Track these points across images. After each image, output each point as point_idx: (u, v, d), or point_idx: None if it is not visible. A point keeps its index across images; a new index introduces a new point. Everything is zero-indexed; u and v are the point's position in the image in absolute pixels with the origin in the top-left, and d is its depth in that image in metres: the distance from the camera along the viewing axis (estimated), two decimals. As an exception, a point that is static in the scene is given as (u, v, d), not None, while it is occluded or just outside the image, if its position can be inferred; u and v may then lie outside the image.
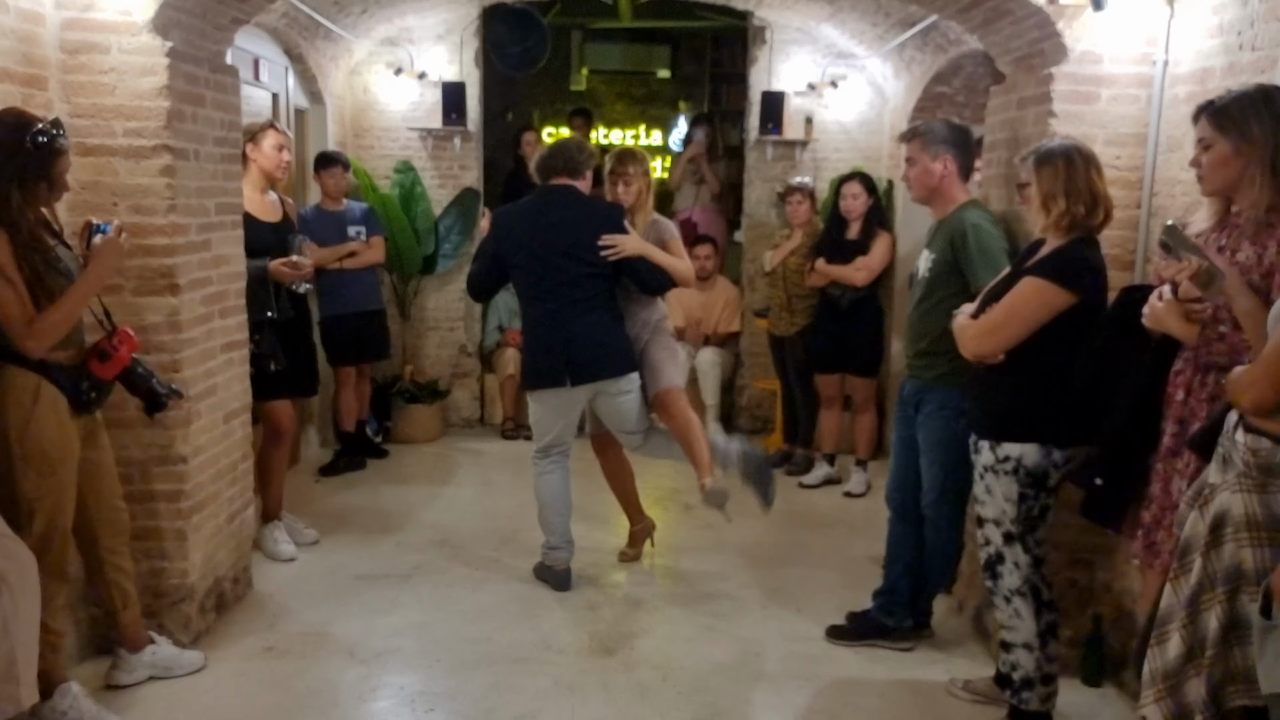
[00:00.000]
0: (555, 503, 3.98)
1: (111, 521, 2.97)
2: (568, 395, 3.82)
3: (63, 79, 3.03)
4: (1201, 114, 2.24)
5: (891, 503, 3.51)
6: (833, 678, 3.31)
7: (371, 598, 3.84)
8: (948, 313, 3.03)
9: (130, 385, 2.88)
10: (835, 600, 3.82)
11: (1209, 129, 2.20)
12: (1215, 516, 1.96)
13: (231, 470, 3.65)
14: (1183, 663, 1.99)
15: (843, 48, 6.21)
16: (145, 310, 3.16)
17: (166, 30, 3.10)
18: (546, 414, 3.91)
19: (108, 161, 3.09)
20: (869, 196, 5.21)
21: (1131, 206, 3.18)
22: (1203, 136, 2.23)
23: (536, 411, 3.94)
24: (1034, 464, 2.76)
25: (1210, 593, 1.95)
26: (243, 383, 3.74)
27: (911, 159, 3.30)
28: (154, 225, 3.13)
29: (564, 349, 3.74)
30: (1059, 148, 2.70)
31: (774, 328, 5.68)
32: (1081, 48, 3.17)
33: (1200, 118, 2.24)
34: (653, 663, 3.37)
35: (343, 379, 5.53)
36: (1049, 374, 2.74)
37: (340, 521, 4.69)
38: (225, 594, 3.62)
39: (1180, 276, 2.17)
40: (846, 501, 5.25)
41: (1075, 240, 2.69)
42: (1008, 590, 2.87)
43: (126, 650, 3.08)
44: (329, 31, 5.47)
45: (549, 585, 3.95)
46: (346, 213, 5.45)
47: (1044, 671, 2.88)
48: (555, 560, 3.97)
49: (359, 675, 3.24)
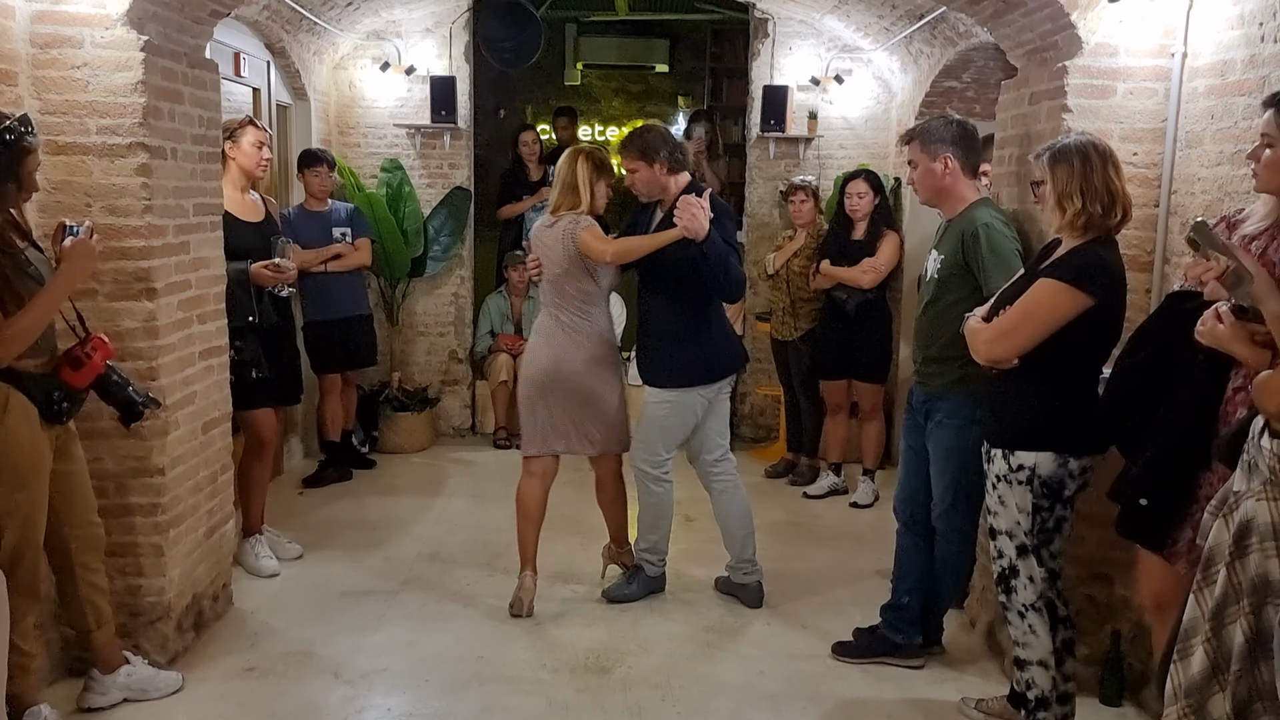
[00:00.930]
0: (670, 514, 4.02)
1: (85, 536, 2.95)
2: (706, 392, 3.87)
3: (33, 74, 3.02)
4: (1270, 108, 2.17)
5: (900, 514, 3.50)
6: (839, 697, 3.29)
7: (358, 615, 3.82)
8: (958, 316, 3.02)
9: (105, 394, 2.86)
10: (841, 616, 3.81)
11: (1275, 126, 2.14)
12: (1240, 525, 1.95)
13: (211, 482, 3.64)
14: (1207, 678, 1.97)
15: (848, 41, 6.22)
16: (120, 315, 3.15)
17: (142, 23, 3.09)
18: (685, 415, 3.86)
19: (81, 160, 3.08)
20: (875, 195, 5.21)
21: (1149, 205, 3.18)
22: (1267, 132, 2.18)
23: (667, 415, 3.86)
24: (1049, 473, 2.75)
25: (1235, 605, 1.94)
26: (222, 391, 3.72)
27: (913, 161, 3.31)
28: (129, 227, 3.12)
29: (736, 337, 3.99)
30: (1074, 144, 2.69)
31: (777, 332, 5.68)
32: (1096, 40, 3.17)
33: (1268, 111, 2.17)
34: (651, 682, 3.35)
35: (328, 387, 5.52)
36: (1065, 379, 2.74)
37: (325, 535, 4.67)
38: (204, 612, 3.60)
39: (1207, 276, 2.16)
40: (853, 513, 5.24)
41: (1092, 241, 2.68)
42: (1022, 605, 2.86)
43: (100, 671, 3.06)
44: (313, 25, 5.47)
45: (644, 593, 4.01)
46: (331, 213, 5.44)
47: (1060, 690, 2.86)
48: (658, 569, 4.07)
49: (344, 696, 3.22)
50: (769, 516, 5.11)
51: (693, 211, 3.44)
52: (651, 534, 4.01)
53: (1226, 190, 2.83)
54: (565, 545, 4.49)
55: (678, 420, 3.87)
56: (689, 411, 3.86)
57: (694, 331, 3.81)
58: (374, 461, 5.91)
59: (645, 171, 3.76)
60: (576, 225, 3.71)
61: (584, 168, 3.76)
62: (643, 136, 3.80)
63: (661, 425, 3.87)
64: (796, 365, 5.59)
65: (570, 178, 3.76)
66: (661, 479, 3.93)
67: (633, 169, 3.78)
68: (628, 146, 3.80)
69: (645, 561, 4.03)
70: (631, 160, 3.77)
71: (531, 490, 3.90)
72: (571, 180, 3.75)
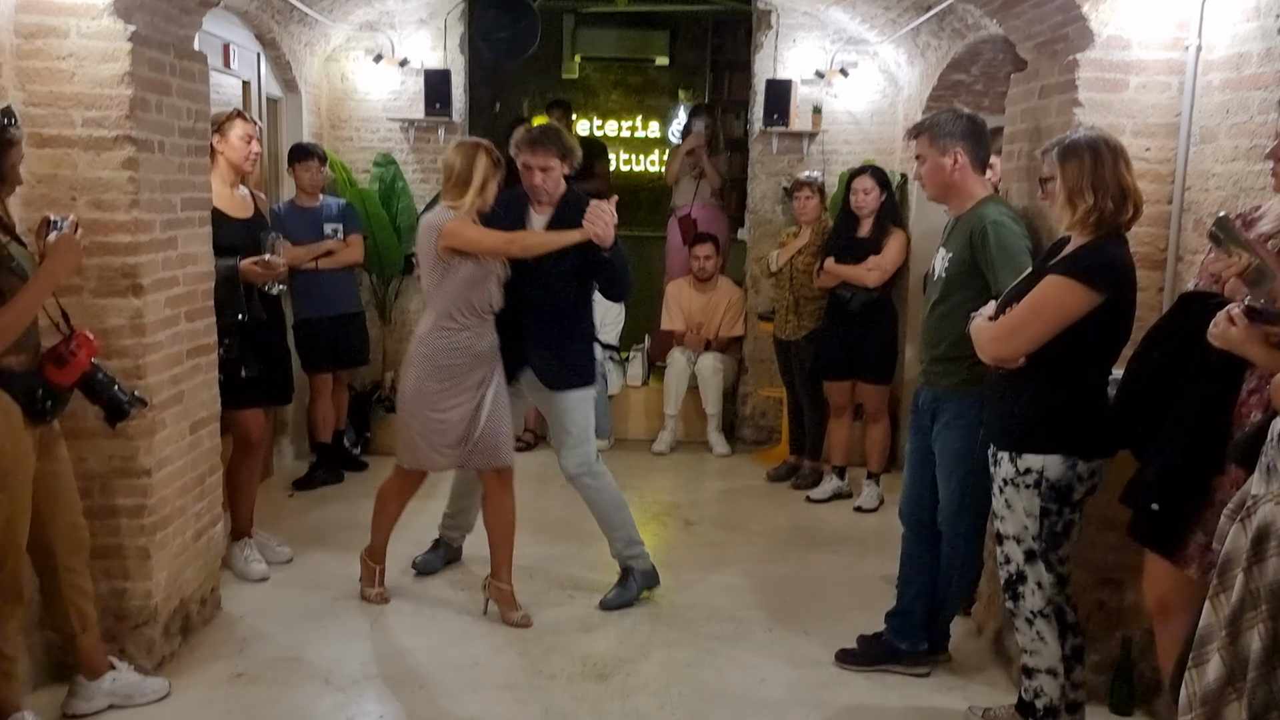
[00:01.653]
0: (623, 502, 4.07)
1: (69, 538, 2.94)
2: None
3: (17, 65, 3.01)
4: None
5: (905, 518, 3.50)
6: (843, 705, 3.29)
7: (349, 620, 3.82)
8: (966, 315, 3.01)
9: (90, 393, 2.85)
10: (845, 622, 3.80)
11: None
12: (1258, 530, 1.95)
13: (199, 484, 3.63)
14: (1222, 686, 1.97)
15: (853, 33, 6.22)
16: (106, 313, 3.14)
17: (129, 13, 3.08)
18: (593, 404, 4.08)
19: (66, 153, 3.07)
20: (881, 191, 5.20)
21: (1162, 201, 3.18)
22: None
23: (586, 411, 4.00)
24: (1057, 476, 2.75)
25: (1253, 611, 1.93)
26: (211, 390, 3.72)
27: (921, 156, 3.30)
28: (115, 221, 3.11)
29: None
30: (1084, 139, 2.69)
31: (779, 332, 5.68)
32: (1108, 32, 3.17)
33: None
34: (650, 689, 3.35)
35: (318, 386, 5.51)
36: (1074, 379, 2.74)
37: (316, 538, 4.67)
38: (191, 616, 3.60)
39: (1228, 272, 2.16)
40: (857, 517, 5.24)
41: (1102, 237, 2.68)
42: (1030, 612, 2.86)
43: (85, 677, 3.06)
44: (304, 15, 5.47)
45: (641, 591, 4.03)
46: (323, 209, 5.43)
47: (1069, 699, 2.86)
48: (646, 560, 4.07)
49: (335, 703, 3.22)
50: (771, 521, 5.12)
51: (605, 220, 3.59)
52: (618, 531, 4.03)
53: (1242, 186, 2.83)
54: (562, 550, 4.50)
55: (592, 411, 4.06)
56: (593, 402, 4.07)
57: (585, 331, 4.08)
58: (366, 463, 5.89)
59: (558, 171, 3.81)
60: (441, 215, 3.66)
61: (484, 163, 3.66)
62: (560, 135, 3.85)
63: (584, 424, 3.98)
64: (799, 366, 5.59)
65: (466, 171, 3.64)
66: (597, 472, 3.98)
67: (547, 167, 3.79)
68: (546, 143, 3.78)
69: (631, 559, 4.04)
70: (548, 158, 3.78)
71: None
72: (467, 174, 3.64)
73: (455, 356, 3.71)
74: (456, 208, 3.64)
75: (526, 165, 3.80)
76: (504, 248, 3.69)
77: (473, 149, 3.69)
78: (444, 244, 3.60)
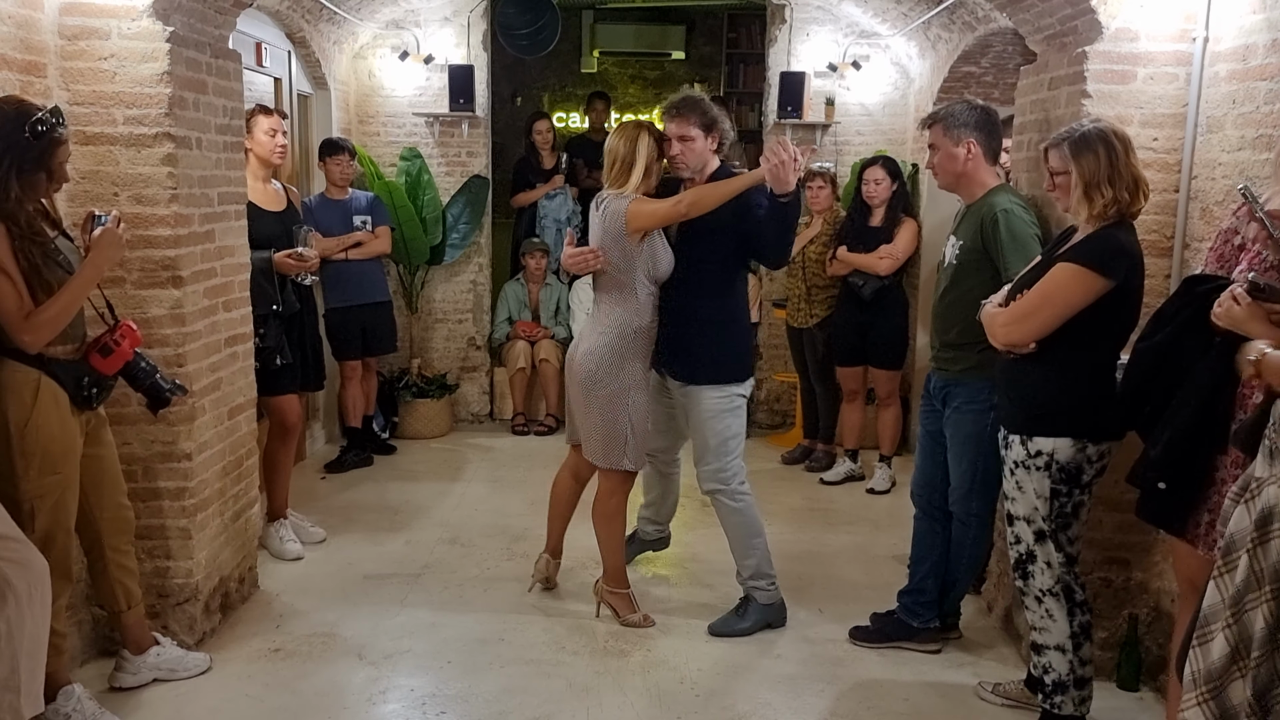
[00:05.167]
0: (761, 527, 3.60)
1: (115, 519, 2.99)
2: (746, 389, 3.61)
3: (61, 66, 3.04)
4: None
5: (917, 500, 3.50)
6: (856, 680, 3.30)
7: (380, 597, 3.85)
8: (976, 302, 3.01)
9: (133, 380, 2.89)
10: (859, 601, 3.82)
11: None
12: (1262, 511, 1.94)
13: (236, 467, 3.67)
14: (1227, 664, 1.97)
15: (865, 26, 6.18)
16: (148, 303, 3.18)
17: (167, 15, 3.10)
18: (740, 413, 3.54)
19: (108, 150, 3.11)
20: (893, 181, 5.18)
21: (1170, 190, 3.15)
22: None
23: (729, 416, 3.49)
24: (1067, 459, 2.74)
25: (1257, 591, 1.93)
26: (247, 377, 3.75)
27: (934, 145, 3.28)
28: (156, 216, 3.14)
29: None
30: (1094, 132, 2.66)
31: (793, 319, 5.67)
32: (1116, 24, 3.14)
33: None
34: (669, 664, 3.37)
35: (349, 373, 5.55)
36: (1083, 364, 2.73)
37: (347, 519, 4.71)
38: (231, 594, 3.65)
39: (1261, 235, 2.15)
40: (870, 499, 5.24)
41: (1111, 225, 2.67)
42: (1039, 590, 2.86)
43: (130, 651, 3.11)
44: (332, 14, 5.48)
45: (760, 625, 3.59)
46: (352, 201, 5.46)
47: (1078, 675, 2.86)
48: (771, 595, 3.61)
49: (368, 677, 3.26)
50: (785, 502, 5.12)
51: (785, 158, 3.05)
52: (747, 560, 3.58)
53: (1248, 175, 2.81)
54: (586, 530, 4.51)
55: (737, 420, 3.49)
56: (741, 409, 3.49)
57: (737, 318, 3.52)
58: (394, 447, 5.95)
59: (701, 143, 3.36)
60: (620, 202, 3.35)
61: (646, 145, 3.34)
62: (702, 103, 3.37)
63: (722, 431, 3.45)
64: (812, 352, 5.58)
65: (630, 155, 3.34)
66: (738, 492, 3.52)
67: (686, 136, 3.35)
68: (686, 110, 3.34)
69: (754, 589, 3.59)
70: (686, 127, 3.33)
71: (560, 478, 3.87)
72: (630, 158, 3.34)
73: (644, 337, 3.43)
74: (624, 193, 3.35)
75: (667, 135, 3.39)
76: (678, 210, 3.29)
77: (634, 131, 3.36)
78: (634, 227, 3.30)
